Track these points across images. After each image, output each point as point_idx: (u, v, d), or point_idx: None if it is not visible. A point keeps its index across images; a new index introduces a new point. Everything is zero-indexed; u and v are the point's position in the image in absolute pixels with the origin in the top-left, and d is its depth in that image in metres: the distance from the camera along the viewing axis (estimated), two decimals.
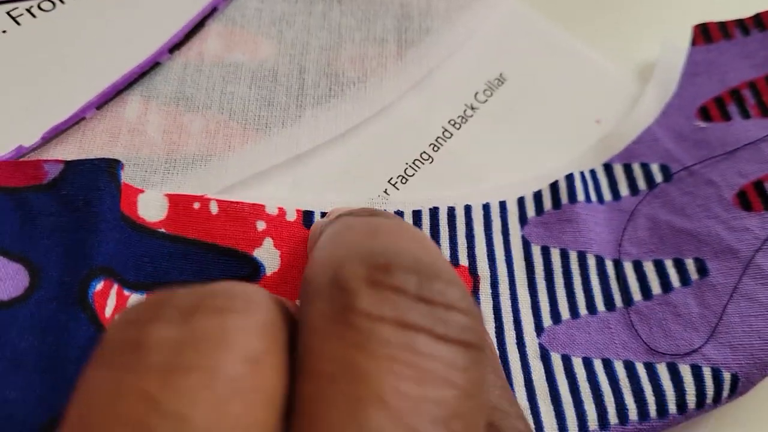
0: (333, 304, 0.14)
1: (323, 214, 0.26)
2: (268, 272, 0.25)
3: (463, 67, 0.32)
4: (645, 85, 0.32)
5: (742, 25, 0.31)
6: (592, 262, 0.27)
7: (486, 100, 0.31)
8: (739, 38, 0.31)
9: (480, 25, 0.33)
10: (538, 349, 0.25)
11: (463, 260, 0.26)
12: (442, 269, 0.15)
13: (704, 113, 0.29)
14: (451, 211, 0.27)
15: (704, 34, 0.32)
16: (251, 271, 0.25)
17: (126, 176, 0.26)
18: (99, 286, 0.22)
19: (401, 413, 0.12)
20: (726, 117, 0.29)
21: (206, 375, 0.12)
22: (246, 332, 0.13)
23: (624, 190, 0.28)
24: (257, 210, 0.26)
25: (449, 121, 0.30)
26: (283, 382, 0.13)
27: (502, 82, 0.32)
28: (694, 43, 0.32)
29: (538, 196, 0.28)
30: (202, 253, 0.25)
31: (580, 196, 0.28)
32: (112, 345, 0.13)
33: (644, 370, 0.24)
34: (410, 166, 0.29)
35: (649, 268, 0.27)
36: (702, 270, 0.26)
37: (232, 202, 0.26)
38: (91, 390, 0.12)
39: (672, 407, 0.24)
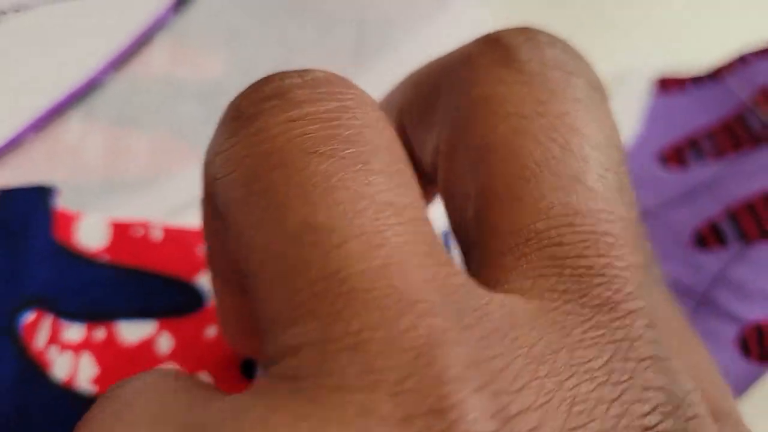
0: (492, 56, 0.14)
1: None
2: (211, 301, 0.25)
3: None
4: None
5: (697, 78, 0.33)
6: None
7: None
8: (696, 89, 0.33)
9: (440, 37, 0.33)
10: None
11: None
12: None
13: (663, 159, 0.31)
14: None
15: (663, 86, 0.33)
16: (194, 299, 0.25)
17: (65, 201, 0.26)
18: (30, 317, 0.22)
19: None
20: (683, 163, 0.30)
21: None
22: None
23: None
24: (200, 236, 0.26)
25: None
26: None
27: None
28: (654, 95, 0.33)
29: None
30: (144, 281, 0.25)
31: None
32: None
33: None
34: None
35: None
36: None
37: (176, 228, 0.26)
38: None
39: None
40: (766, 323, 0.25)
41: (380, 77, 0.30)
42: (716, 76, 0.32)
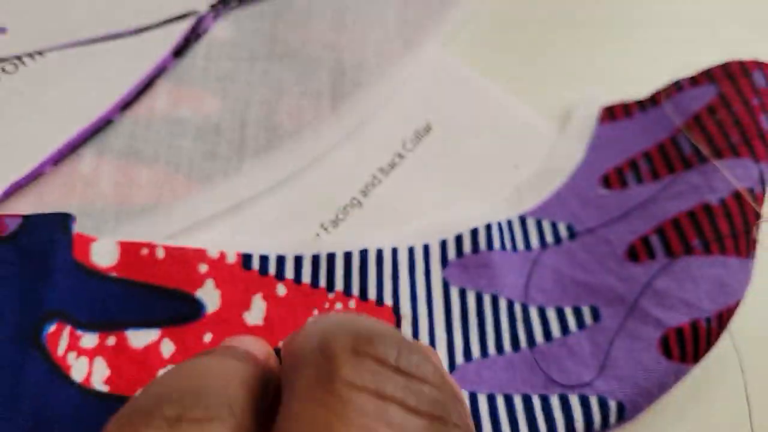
0: (318, 371, 0.15)
1: (262, 257, 0.29)
2: (210, 311, 0.28)
3: (392, 117, 0.34)
4: (561, 130, 0.35)
5: (641, 103, 0.34)
6: (503, 304, 0.29)
7: (413, 148, 0.34)
8: (639, 115, 0.34)
9: (409, 77, 0.35)
10: None
11: (388, 300, 0.29)
12: (418, 345, 0.16)
13: (606, 181, 0.33)
14: (380, 254, 0.30)
15: (609, 113, 0.35)
16: (193, 309, 0.28)
17: (80, 226, 0.29)
18: (51, 328, 0.25)
19: None
20: (624, 184, 0.32)
21: None
22: None
23: (535, 242, 0.31)
24: (200, 254, 0.28)
25: (378, 168, 0.33)
26: None
27: (428, 131, 0.34)
28: (601, 121, 0.35)
29: (459, 241, 0.31)
30: (149, 294, 0.27)
31: (497, 243, 0.30)
32: None
33: (539, 402, 0.27)
34: (341, 210, 0.32)
35: (551, 315, 0.30)
36: (596, 315, 0.29)
37: (177, 247, 0.28)
38: None
39: None
40: (685, 328, 0.27)
41: (355, 114, 0.33)
42: (656, 101, 0.34)
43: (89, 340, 0.26)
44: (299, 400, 0.15)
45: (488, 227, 0.31)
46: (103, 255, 0.28)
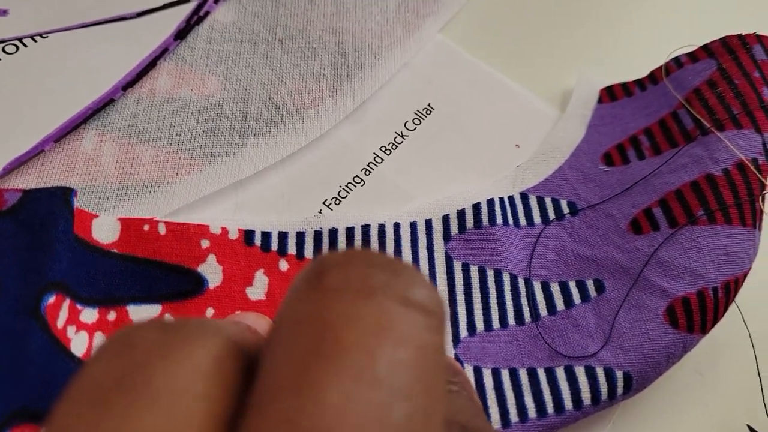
0: (306, 280, 0.14)
1: (264, 233, 0.29)
2: (211, 286, 0.28)
3: (394, 98, 0.34)
4: (561, 112, 0.35)
5: (640, 83, 0.35)
6: (506, 279, 0.29)
7: (415, 128, 0.34)
8: (638, 93, 0.34)
9: (410, 59, 0.35)
10: (453, 359, 0.27)
11: None
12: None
13: (607, 158, 0.33)
14: (382, 228, 0.30)
15: (609, 93, 0.35)
16: (195, 285, 0.28)
17: (81, 203, 0.29)
18: (51, 299, 0.24)
19: (363, 368, 0.12)
20: (625, 160, 0.32)
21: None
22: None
23: (537, 218, 0.31)
24: (202, 230, 0.28)
25: (380, 148, 0.33)
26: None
27: (430, 111, 0.34)
28: (600, 101, 0.35)
29: (461, 215, 0.31)
30: (150, 269, 0.27)
31: (499, 219, 0.30)
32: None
33: (544, 374, 0.27)
34: (343, 188, 0.32)
35: (555, 289, 0.29)
36: (600, 288, 0.29)
37: (178, 223, 0.28)
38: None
39: (568, 404, 0.26)
40: (692, 297, 0.27)
41: (356, 95, 0.34)
42: (655, 79, 0.34)
43: (89, 314, 0.26)
44: (285, 305, 0.14)
45: (490, 202, 0.31)
46: (105, 231, 0.28)
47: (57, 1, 0.33)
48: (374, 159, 0.33)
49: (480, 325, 0.28)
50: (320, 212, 0.31)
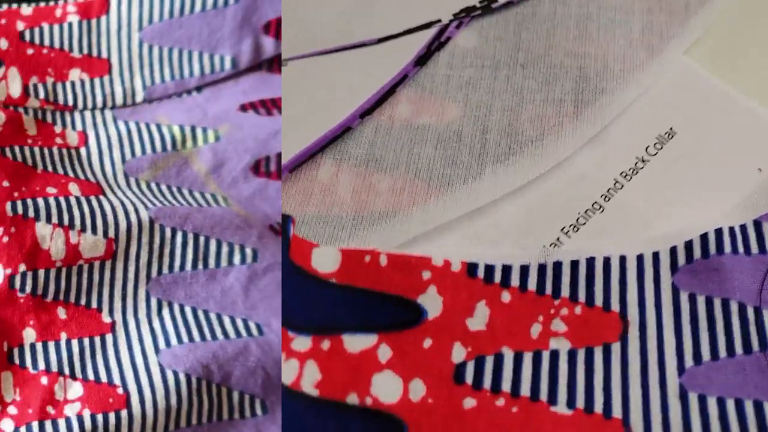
0: None
1: (487, 266, 0.28)
2: (430, 317, 0.27)
3: (635, 123, 0.33)
4: None
5: None
6: (734, 308, 0.28)
7: (656, 153, 0.32)
8: None
9: (652, 83, 0.34)
10: (677, 388, 0.26)
11: (615, 306, 0.28)
12: None
13: None
14: (607, 261, 0.29)
15: None
16: (414, 315, 0.27)
17: (316, 233, 0.29)
18: None
19: None
20: None
21: None
22: None
23: None
24: (424, 261, 0.28)
25: (621, 173, 0.32)
26: None
27: (672, 136, 0.33)
28: None
29: (689, 246, 0.29)
30: (368, 299, 0.27)
31: (727, 247, 0.29)
32: None
33: None
34: (582, 215, 0.31)
35: None
36: None
37: (400, 255, 0.28)
38: None
39: None
40: None
41: (597, 120, 0.32)
42: None
43: (301, 343, 0.26)
44: None
45: (719, 231, 0.29)
46: (325, 261, 0.28)
47: (296, 29, 0.34)
48: (614, 185, 0.32)
49: (706, 353, 0.27)
50: (558, 239, 0.30)
